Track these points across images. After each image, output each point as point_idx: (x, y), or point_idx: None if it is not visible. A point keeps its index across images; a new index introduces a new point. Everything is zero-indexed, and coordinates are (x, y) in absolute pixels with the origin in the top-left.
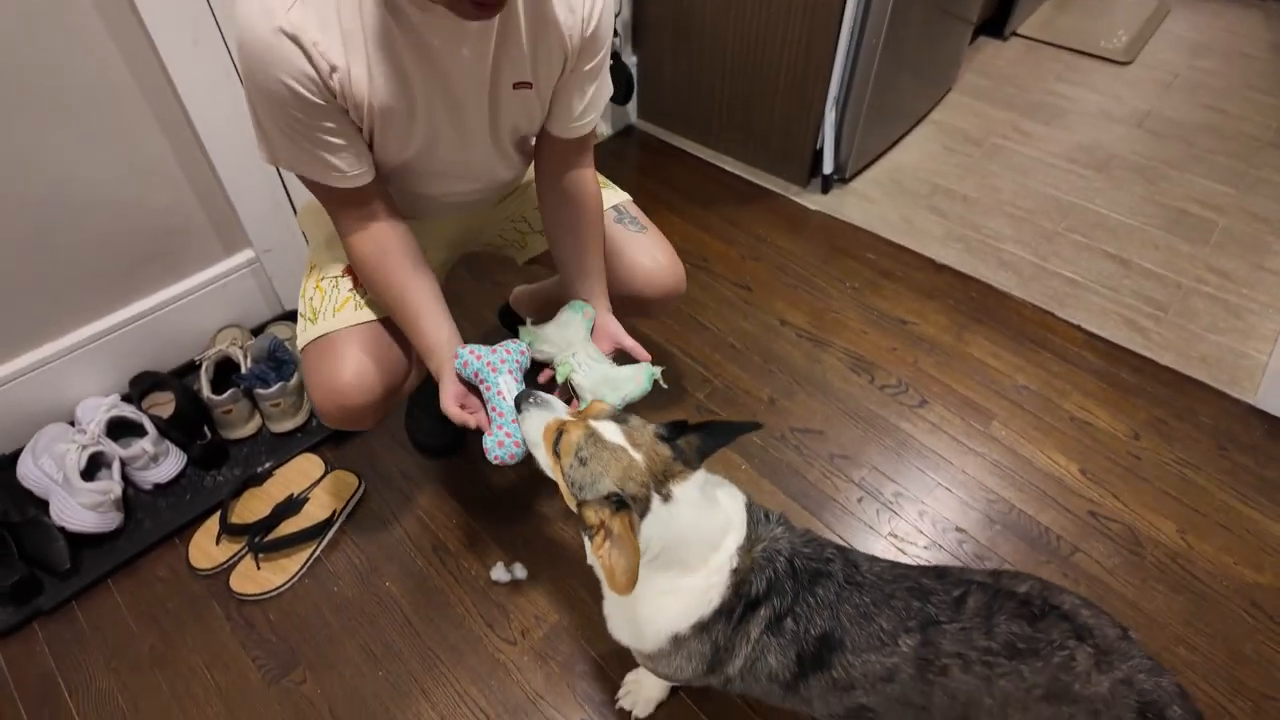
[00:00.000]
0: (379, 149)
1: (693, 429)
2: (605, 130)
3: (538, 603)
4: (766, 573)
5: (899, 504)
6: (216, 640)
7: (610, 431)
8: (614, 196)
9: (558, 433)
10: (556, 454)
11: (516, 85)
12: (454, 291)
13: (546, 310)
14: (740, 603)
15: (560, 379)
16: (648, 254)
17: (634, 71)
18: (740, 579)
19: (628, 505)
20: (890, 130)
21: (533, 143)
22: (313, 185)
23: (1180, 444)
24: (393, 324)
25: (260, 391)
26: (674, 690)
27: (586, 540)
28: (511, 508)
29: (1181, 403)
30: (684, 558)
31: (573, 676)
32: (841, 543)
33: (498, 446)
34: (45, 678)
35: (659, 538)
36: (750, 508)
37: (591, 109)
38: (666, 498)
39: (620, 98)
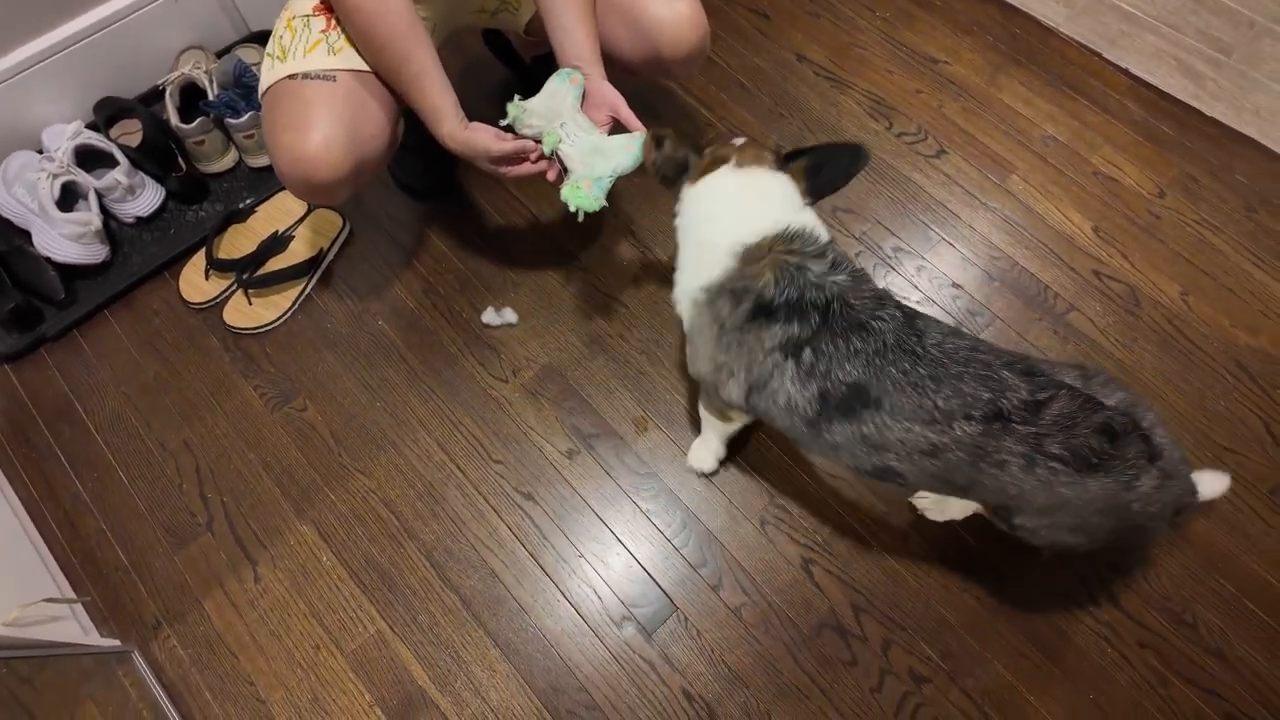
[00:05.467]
0: None
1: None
2: None
3: (528, 345)
4: (788, 292)
5: (897, 259)
6: (217, 369)
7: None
8: None
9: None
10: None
11: None
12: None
13: (531, 46)
14: (750, 297)
15: (547, 150)
16: (665, 3)
17: None
18: (750, 262)
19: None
20: None
21: None
22: None
23: (1206, 204)
24: (370, 82)
25: (231, 121)
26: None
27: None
28: (500, 253)
29: (1219, 159)
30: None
31: (561, 412)
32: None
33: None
34: (60, 398)
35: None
36: (830, 247)
37: None
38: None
39: None
